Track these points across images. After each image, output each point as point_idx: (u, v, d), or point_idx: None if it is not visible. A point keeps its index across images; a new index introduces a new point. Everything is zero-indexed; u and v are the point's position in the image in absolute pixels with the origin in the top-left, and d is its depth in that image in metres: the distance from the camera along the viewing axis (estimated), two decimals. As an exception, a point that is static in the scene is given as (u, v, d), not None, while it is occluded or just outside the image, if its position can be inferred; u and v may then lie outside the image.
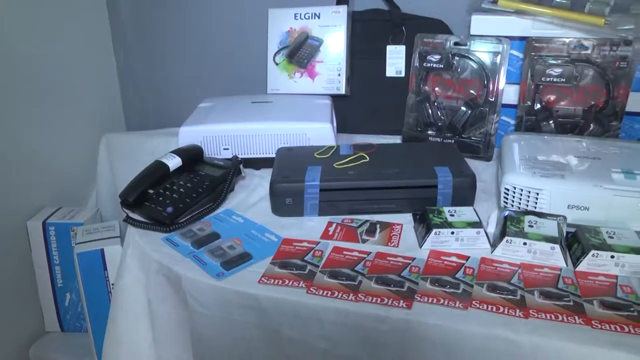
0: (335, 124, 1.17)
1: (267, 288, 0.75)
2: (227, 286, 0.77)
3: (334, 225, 0.90)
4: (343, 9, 1.23)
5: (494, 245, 0.82)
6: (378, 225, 0.89)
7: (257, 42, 1.32)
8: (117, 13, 1.55)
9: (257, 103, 1.21)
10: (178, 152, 1.01)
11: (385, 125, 1.23)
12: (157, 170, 0.97)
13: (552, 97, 1.12)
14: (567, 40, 1.09)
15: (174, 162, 0.98)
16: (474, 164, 1.06)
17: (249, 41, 1.39)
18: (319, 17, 1.25)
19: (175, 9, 1.49)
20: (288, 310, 0.74)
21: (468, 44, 1.14)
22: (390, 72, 1.25)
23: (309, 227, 0.90)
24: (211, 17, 1.46)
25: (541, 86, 1.11)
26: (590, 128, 1.09)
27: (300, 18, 1.26)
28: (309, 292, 0.73)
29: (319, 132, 1.08)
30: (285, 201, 0.91)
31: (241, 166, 1.03)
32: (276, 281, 0.76)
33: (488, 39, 1.13)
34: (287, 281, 0.76)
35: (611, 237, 0.79)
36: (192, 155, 1.03)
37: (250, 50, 1.37)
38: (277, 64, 1.28)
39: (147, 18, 1.53)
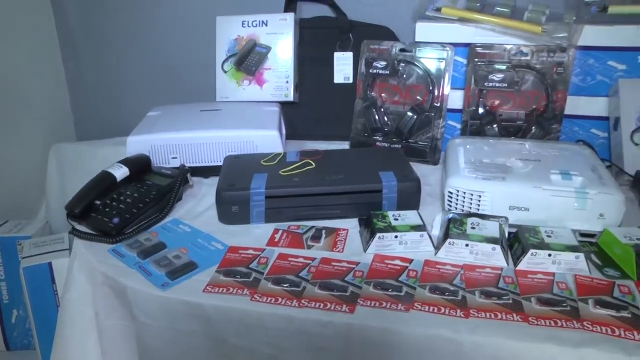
0: (284, 132, 1.18)
1: (212, 297, 0.75)
2: (172, 296, 0.76)
3: (280, 232, 0.90)
4: (290, 17, 1.24)
5: (437, 248, 0.83)
6: (324, 231, 0.90)
7: (207, 50, 1.31)
8: (66, 22, 1.52)
9: (205, 111, 1.20)
10: (125, 162, 1.00)
11: (334, 132, 1.24)
12: (104, 181, 0.96)
13: (496, 102, 1.15)
14: (508, 47, 1.12)
15: (121, 173, 0.97)
16: (421, 169, 1.09)
17: (199, 49, 1.39)
18: (266, 25, 1.25)
19: (124, 17, 1.47)
20: (233, 318, 0.74)
21: (414, 50, 1.16)
22: (338, 78, 1.26)
23: (255, 235, 0.90)
24: (160, 25, 1.45)
25: (485, 91, 1.14)
26: (533, 131, 1.13)
27: (248, 26, 1.26)
28: (253, 299, 0.73)
29: (267, 139, 1.08)
30: (231, 209, 0.91)
31: (189, 175, 1.03)
32: (221, 290, 0.76)
33: (433, 45, 1.15)
34: (231, 289, 0.75)
35: (549, 237, 0.82)
36: (140, 165, 1.02)
37: (200, 58, 1.36)
38: (225, 72, 1.27)
39: (96, 27, 1.51)
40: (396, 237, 0.83)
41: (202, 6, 1.39)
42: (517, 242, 0.83)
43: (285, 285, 0.76)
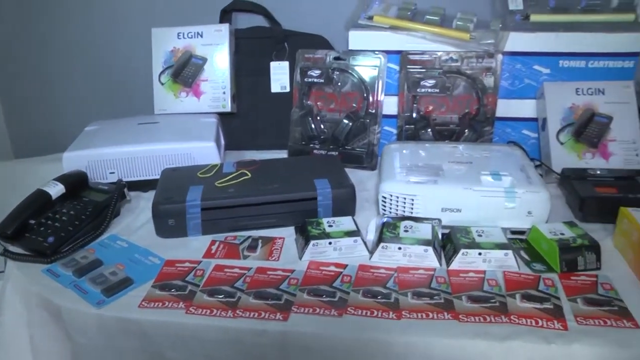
0: (222, 142, 1.18)
1: (148, 312, 0.74)
2: (107, 313, 0.75)
3: (217, 244, 0.90)
4: (225, 27, 1.24)
5: (371, 252, 0.85)
6: (260, 241, 0.90)
7: (144, 62, 1.30)
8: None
9: (143, 124, 1.19)
10: (61, 179, 0.98)
11: (273, 141, 1.25)
12: (38, 200, 0.94)
13: (430, 107, 1.18)
14: (439, 54, 1.16)
15: (56, 190, 0.95)
16: (359, 174, 1.11)
17: (136, 61, 1.37)
18: (201, 36, 1.25)
19: (59, 30, 1.44)
20: (169, 332, 0.73)
21: (347, 58, 1.18)
22: (275, 88, 1.27)
23: (193, 247, 0.89)
24: (96, 38, 1.43)
25: (418, 97, 1.17)
26: (466, 134, 1.17)
27: (184, 37, 1.25)
28: (188, 312, 0.73)
29: (203, 151, 1.08)
30: (168, 222, 0.90)
31: (126, 190, 1.02)
32: (156, 304, 0.75)
33: (366, 53, 1.18)
34: (166, 303, 0.75)
35: (480, 236, 0.85)
36: (76, 182, 1.00)
37: (138, 70, 1.35)
38: (162, 84, 1.26)
39: (31, 39, 1.47)
40: (330, 243, 0.84)
41: (137, 18, 1.37)
42: (449, 242, 0.86)
43: (220, 297, 0.76)
